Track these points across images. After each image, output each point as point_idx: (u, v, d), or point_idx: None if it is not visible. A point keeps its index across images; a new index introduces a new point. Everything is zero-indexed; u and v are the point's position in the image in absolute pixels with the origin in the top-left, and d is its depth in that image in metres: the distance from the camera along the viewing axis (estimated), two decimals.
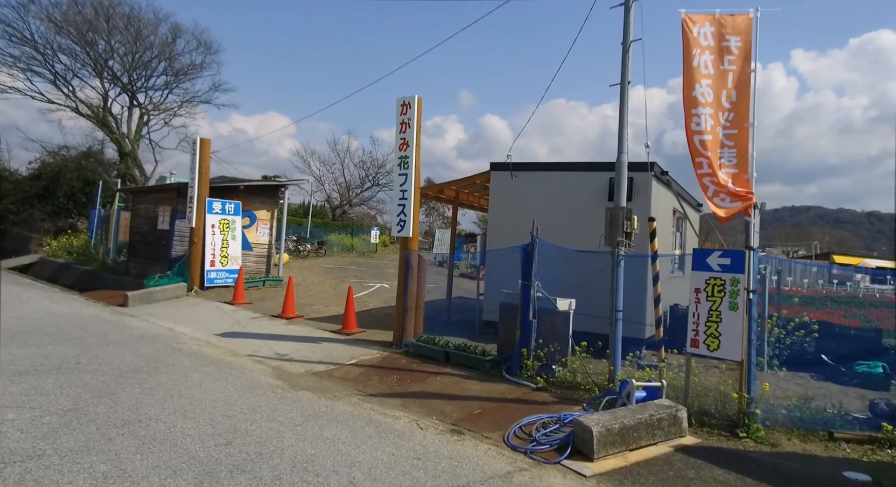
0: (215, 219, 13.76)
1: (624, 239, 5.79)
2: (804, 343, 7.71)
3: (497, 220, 9.12)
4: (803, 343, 7.70)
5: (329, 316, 11.29)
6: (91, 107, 26.58)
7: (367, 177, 54.47)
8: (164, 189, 14.99)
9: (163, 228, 14.73)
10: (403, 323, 8.17)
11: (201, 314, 10.83)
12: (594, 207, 8.29)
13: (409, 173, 8.16)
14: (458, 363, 7.09)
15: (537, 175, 8.79)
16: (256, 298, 12.99)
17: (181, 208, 14.10)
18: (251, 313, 11.03)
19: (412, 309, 8.21)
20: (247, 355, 7.71)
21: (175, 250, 14.07)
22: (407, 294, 8.15)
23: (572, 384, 6.19)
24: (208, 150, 13.60)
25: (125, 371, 6.32)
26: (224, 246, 13.92)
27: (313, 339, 8.80)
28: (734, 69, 4.99)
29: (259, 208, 15.59)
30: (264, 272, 15.73)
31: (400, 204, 8.22)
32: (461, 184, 9.92)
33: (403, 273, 8.23)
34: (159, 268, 14.48)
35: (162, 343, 8.11)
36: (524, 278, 6.66)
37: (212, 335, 8.96)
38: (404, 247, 8.30)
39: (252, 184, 15.07)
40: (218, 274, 13.76)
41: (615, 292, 5.86)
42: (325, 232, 39.81)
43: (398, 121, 8.29)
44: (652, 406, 4.70)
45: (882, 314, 18.53)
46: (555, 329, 6.56)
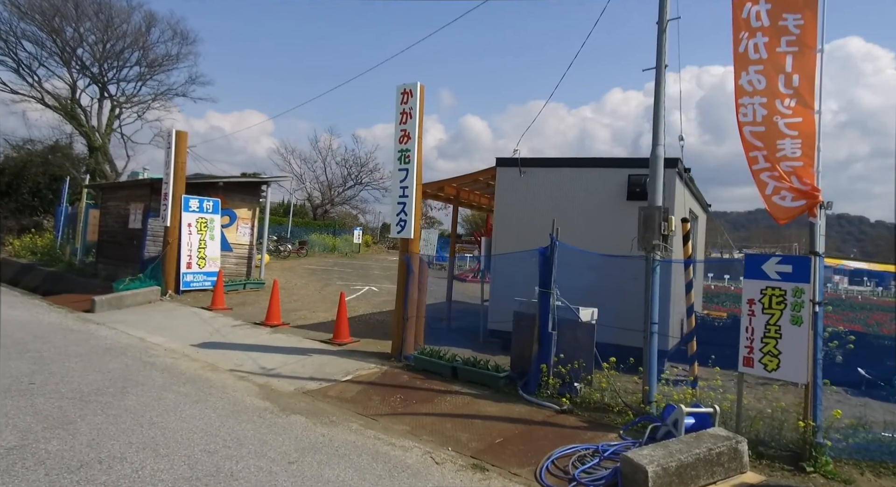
0: (192, 218, 12.87)
1: (660, 242, 5.18)
2: (834, 354, 7.22)
3: (504, 221, 8.47)
4: (834, 355, 7.21)
5: (317, 323, 10.52)
6: (58, 98, 25.27)
7: (349, 176, 53.58)
8: (137, 185, 14.03)
9: (135, 227, 13.78)
10: (403, 334, 7.47)
11: (177, 321, 9.97)
12: (612, 207, 7.71)
13: (410, 168, 7.46)
14: (468, 379, 6.41)
15: (548, 172, 8.16)
16: (237, 303, 12.14)
17: (155, 206, 13.17)
18: (232, 320, 10.20)
19: (413, 318, 7.52)
20: (228, 370, 6.93)
21: (148, 251, 13.14)
22: (407, 301, 7.46)
23: (600, 405, 5.56)
24: (185, 143, 12.70)
25: (87, 392, 5.51)
26: (202, 246, 13.04)
27: (302, 351, 8.04)
28: (794, 51, 4.41)
29: (239, 206, 14.71)
30: (245, 274, 14.86)
31: (400, 202, 7.52)
32: (462, 182, 9.25)
33: (403, 278, 7.53)
34: (130, 270, 13.53)
35: (132, 356, 7.28)
36: (542, 285, 6.02)
37: (188, 346, 8.15)
38: (404, 250, 7.60)
39: (232, 180, 14.20)
40: (195, 276, 12.87)
41: (650, 302, 5.25)
42: (305, 231, 38.92)
43: (398, 112, 7.59)
44: (707, 438, 4.08)
45: (879, 317, 18.38)
46: (577, 342, 5.93)
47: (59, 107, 25.06)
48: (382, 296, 15.25)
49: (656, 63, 5.35)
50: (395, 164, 7.62)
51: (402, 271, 7.58)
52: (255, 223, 15.13)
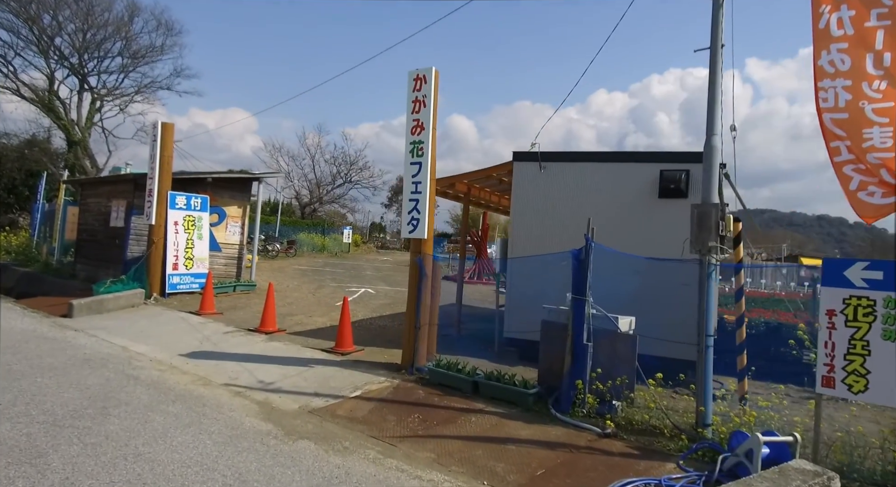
0: (179, 216, 12.13)
1: (717, 243, 4.63)
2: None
3: (521, 220, 7.89)
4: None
5: (315, 329, 9.86)
6: (35, 90, 24.17)
7: (338, 174, 52.87)
8: (119, 180, 13.25)
9: (117, 225, 13.00)
10: (415, 344, 6.87)
11: (163, 327, 9.26)
12: (642, 205, 7.17)
13: (423, 162, 6.85)
14: (491, 396, 5.82)
15: (571, 167, 7.60)
16: (227, 307, 11.43)
17: (139, 202, 12.41)
18: (223, 326, 9.51)
19: (426, 326, 6.91)
20: (223, 384, 6.27)
21: (131, 251, 12.37)
22: (420, 307, 6.85)
23: (646, 427, 4.99)
24: (171, 136, 11.96)
25: (61, 415, 4.83)
26: (189, 246, 12.30)
27: (303, 361, 7.39)
28: (887, 24, 3.87)
29: (229, 204, 13.98)
30: (235, 276, 14.13)
31: (412, 199, 6.91)
32: (474, 178, 8.66)
33: (416, 282, 6.92)
34: (112, 272, 12.75)
35: (114, 368, 6.59)
36: (576, 291, 5.45)
37: (177, 356, 7.47)
38: (417, 251, 6.98)
39: (221, 176, 13.47)
40: (182, 278, 12.13)
41: (705, 311, 4.69)
42: (293, 231, 38.15)
43: (410, 100, 6.97)
44: (794, 474, 3.53)
45: None
46: (616, 355, 5.36)
47: (36, 99, 23.99)
48: (380, 299, 14.62)
49: (711, 42, 4.80)
50: (406, 158, 7.00)
51: (413, 274, 6.97)
52: (245, 221, 14.41)
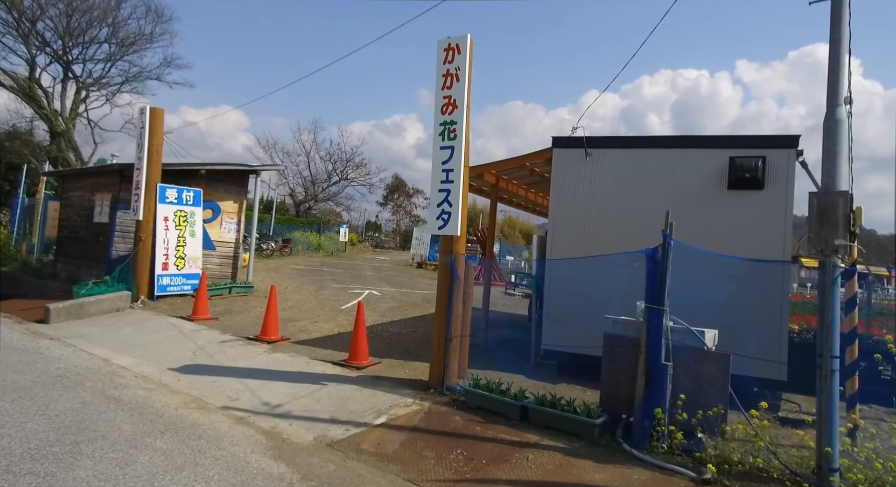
0: (169, 211, 11.15)
1: (846, 241, 3.73)
2: None
3: (562, 215, 6.99)
4: None
5: (322, 337, 8.92)
6: (15, 77, 22.92)
7: (334, 171, 51.91)
8: (104, 172, 12.24)
9: (101, 221, 11.99)
10: (445, 358, 5.94)
11: (151, 335, 8.29)
12: (707, 198, 6.28)
13: (455, 145, 5.92)
14: (545, 424, 4.90)
15: (623, 154, 6.69)
16: (223, 311, 10.47)
17: (125, 196, 11.42)
18: (219, 334, 8.55)
19: (457, 338, 5.99)
20: (221, 407, 5.33)
21: (116, 249, 11.37)
22: (451, 316, 5.93)
23: (750, 469, 4.09)
24: (161, 122, 10.98)
25: (19, 455, 3.88)
26: (180, 244, 11.32)
27: (313, 377, 6.46)
28: None
29: (224, 198, 13.00)
30: (230, 276, 13.16)
31: (442, 189, 5.98)
32: (505, 168, 7.73)
33: (446, 286, 5.99)
34: (95, 272, 11.75)
35: (91, 387, 5.64)
36: (652, 299, 4.55)
37: (166, 370, 6.52)
38: (447, 250, 6.06)
39: (216, 168, 12.48)
40: (172, 279, 11.15)
41: (829, 326, 3.79)
42: (288, 229, 37.18)
43: (439, 74, 6.04)
44: None
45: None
46: (702, 377, 4.46)
47: (17, 88, 22.79)
48: (387, 302, 13.69)
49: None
50: (436, 142, 6.07)
51: (444, 277, 6.05)
52: (241, 217, 13.44)
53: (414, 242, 35.80)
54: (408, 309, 12.70)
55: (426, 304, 13.81)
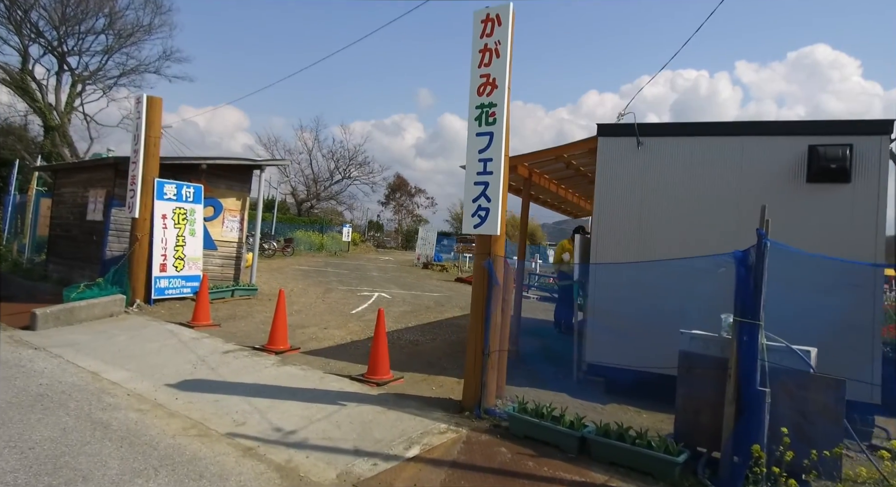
0: (168, 208, 10.43)
1: None
2: None
3: (609, 212, 6.25)
4: None
5: (334, 346, 8.21)
6: (7, 69, 22.13)
7: (336, 169, 51.35)
8: (97, 166, 11.54)
9: (94, 219, 11.28)
10: (483, 376, 5.21)
11: (146, 344, 7.57)
12: (781, 192, 5.54)
13: (495, 131, 5.19)
14: (610, 460, 4.16)
15: (682, 143, 5.95)
16: (225, 316, 9.76)
17: (120, 192, 10.71)
18: (222, 343, 7.83)
19: (496, 353, 5.26)
20: (226, 434, 4.61)
21: (110, 249, 10.67)
22: (489, 328, 5.19)
23: None
24: (159, 112, 10.26)
25: None
26: (180, 243, 10.61)
27: (329, 395, 5.74)
28: None
29: (226, 195, 12.29)
30: (233, 278, 12.45)
31: (479, 182, 5.25)
32: (540, 159, 6.99)
33: (483, 293, 5.26)
34: (88, 273, 11.05)
35: (76, 409, 4.93)
36: (743, 312, 3.81)
37: (163, 386, 5.80)
38: (484, 252, 5.32)
39: (218, 162, 11.77)
40: (171, 282, 10.44)
41: None
42: (290, 228, 36.57)
43: (475, 49, 5.31)
44: None
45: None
46: (809, 407, 3.73)
47: (9, 80, 22.02)
48: (399, 305, 12.97)
49: None
50: (471, 128, 5.34)
51: (480, 283, 5.31)
52: (244, 215, 12.72)
53: (419, 242, 35.12)
54: (421, 314, 11.99)
55: (439, 308, 13.09)
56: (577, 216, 13.19)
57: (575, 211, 12.46)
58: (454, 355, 8.02)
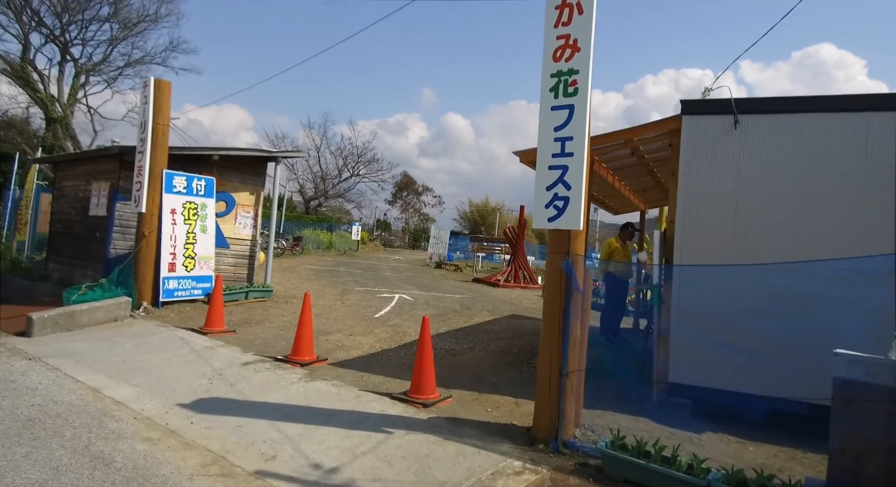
0: (177, 202, 9.63)
1: None
2: None
3: (696, 202, 5.37)
4: None
5: (364, 356, 7.38)
6: (6, 58, 21.28)
7: (345, 166, 50.72)
8: (101, 156, 10.75)
9: (97, 214, 10.51)
10: (560, 402, 4.35)
11: (155, 354, 6.76)
12: None
13: (576, 105, 4.33)
14: None
15: (787, 121, 5.07)
16: (240, 320, 8.95)
17: (125, 185, 9.93)
18: (239, 352, 7.01)
19: (575, 373, 4.40)
20: (254, 473, 3.79)
21: (114, 247, 9.89)
22: (568, 343, 4.34)
23: None
24: (168, 97, 9.46)
25: None
26: (190, 241, 9.81)
27: (371, 420, 4.89)
28: None
29: (239, 189, 11.49)
30: (246, 278, 11.65)
31: (555, 166, 4.39)
32: (602, 145, 6.09)
33: (559, 302, 4.40)
34: (91, 273, 10.29)
35: (73, 439, 4.12)
36: None
37: (175, 407, 4.99)
38: (561, 250, 4.46)
39: (231, 153, 10.96)
40: (180, 283, 9.64)
41: None
42: (298, 226, 35.91)
43: (551, 6, 4.45)
44: None
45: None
46: None
47: (9, 70, 21.26)
48: (424, 308, 12.12)
49: None
50: (544, 100, 4.48)
51: (556, 289, 4.44)
52: (258, 211, 11.91)
53: (432, 241, 34.34)
54: (450, 318, 11.15)
55: (467, 312, 12.24)
56: (617, 212, 12.26)
57: (618, 206, 11.55)
58: (500, 368, 7.17)
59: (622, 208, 11.70)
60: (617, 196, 9.66)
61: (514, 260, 22.55)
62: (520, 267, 22.30)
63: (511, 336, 9.53)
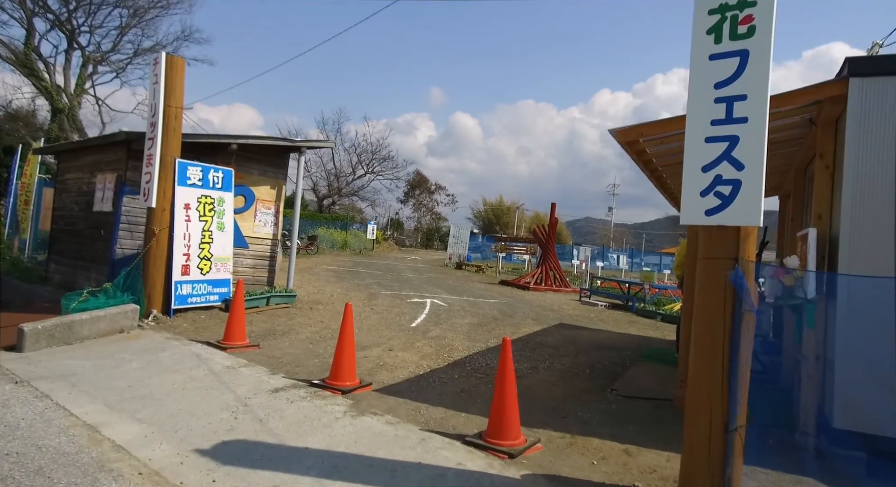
0: (192, 196, 8.53)
1: None
2: None
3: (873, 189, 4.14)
4: None
5: (413, 378, 6.21)
6: (9, 45, 20.24)
7: (359, 163, 49.81)
8: (107, 145, 9.67)
9: (102, 210, 9.44)
10: (727, 469, 3.13)
11: (166, 377, 5.64)
12: None
13: (750, 50, 3.13)
14: None
15: None
16: (263, 331, 7.82)
17: (133, 177, 8.85)
18: (266, 373, 5.87)
19: (744, 427, 3.18)
20: None
21: (121, 246, 8.81)
22: (737, 385, 3.12)
23: None
24: (181, 76, 8.36)
25: None
26: (206, 240, 8.71)
27: (447, 479, 3.72)
28: None
29: (259, 183, 10.38)
30: (267, 282, 10.54)
31: (716, 137, 3.19)
32: None
33: (722, 327, 3.20)
34: (95, 275, 9.23)
35: None
36: None
37: (191, 453, 3.86)
38: (723, 255, 3.25)
39: (250, 142, 9.84)
40: (195, 287, 8.54)
41: None
42: (311, 225, 35.01)
43: None
44: None
45: None
46: None
47: (14, 59, 20.26)
48: (462, 316, 10.95)
49: None
50: (698, 47, 3.28)
51: (716, 308, 3.23)
52: (279, 207, 10.79)
53: (451, 240, 33.25)
54: (493, 327, 9.97)
55: (509, 320, 11.07)
56: None
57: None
58: (580, 397, 5.98)
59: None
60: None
61: (544, 262, 21.35)
62: (550, 268, 21.09)
63: (572, 352, 8.33)
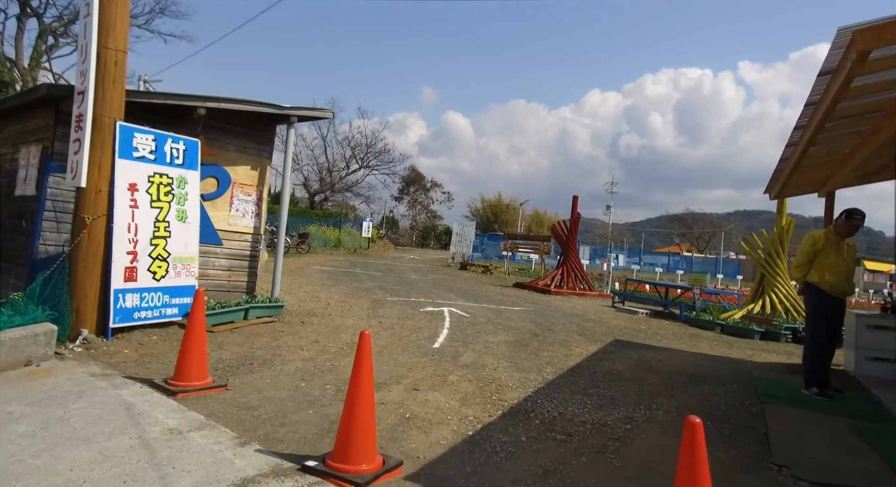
0: (140, 173, 6.34)
1: None
2: None
3: None
4: None
5: (460, 444, 4.03)
6: None
7: (353, 157, 47.73)
8: (30, 107, 7.36)
9: (24, 194, 7.23)
10: None
11: (67, 453, 3.44)
12: None
13: None
14: None
15: None
16: (236, 361, 5.64)
17: (62, 148, 6.62)
18: (232, 443, 3.69)
19: None
20: None
21: (44, 241, 6.59)
22: None
23: None
24: (126, 8, 6.17)
25: None
26: (161, 233, 6.52)
27: None
28: None
29: (237, 161, 8.19)
30: (245, 289, 8.33)
31: None
32: None
33: None
34: (14, 280, 7.04)
35: None
36: None
37: None
38: None
39: (225, 106, 7.60)
40: (145, 298, 6.34)
41: None
42: (302, 222, 32.88)
43: None
44: None
45: None
46: None
47: None
48: (494, 332, 8.80)
49: None
50: None
51: None
52: (263, 193, 8.60)
53: (454, 239, 31.28)
54: (537, 347, 7.84)
55: (550, 335, 8.95)
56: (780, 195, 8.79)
57: (799, 182, 7.92)
58: (730, 479, 3.83)
59: (796, 188, 8.31)
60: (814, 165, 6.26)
61: (565, 262, 19.28)
62: (571, 269, 19.02)
63: (661, 386, 6.19)
